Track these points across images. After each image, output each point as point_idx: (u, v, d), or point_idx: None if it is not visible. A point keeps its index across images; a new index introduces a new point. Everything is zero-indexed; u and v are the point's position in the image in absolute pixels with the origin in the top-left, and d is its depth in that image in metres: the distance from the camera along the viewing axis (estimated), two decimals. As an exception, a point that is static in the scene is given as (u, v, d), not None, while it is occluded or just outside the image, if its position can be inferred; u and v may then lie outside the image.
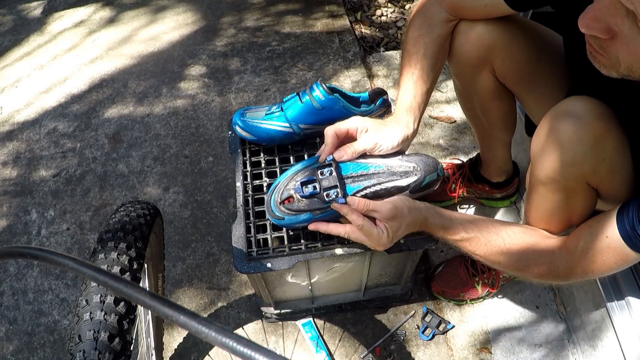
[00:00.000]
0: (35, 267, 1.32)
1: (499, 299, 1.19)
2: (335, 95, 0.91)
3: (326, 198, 0.76)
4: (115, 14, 2.12)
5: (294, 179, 0.79)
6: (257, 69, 1.79)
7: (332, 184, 0.76)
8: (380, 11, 2.11)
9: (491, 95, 0.97)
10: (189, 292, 1.25)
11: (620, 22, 0.52)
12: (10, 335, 1.21)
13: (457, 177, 1.30)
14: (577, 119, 0.67)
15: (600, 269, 0.71)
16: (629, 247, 0.65)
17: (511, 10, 0.79)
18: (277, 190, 0.80)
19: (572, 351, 1.11)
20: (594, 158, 0.67)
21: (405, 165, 0.79)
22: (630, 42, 0.53)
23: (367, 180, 0.77)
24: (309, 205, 0.77)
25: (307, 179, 0.78)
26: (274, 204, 0.80)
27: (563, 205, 0.75)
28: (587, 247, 0.70)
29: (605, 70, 0.60)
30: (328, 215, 0.78)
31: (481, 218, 0.81)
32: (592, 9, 0.54)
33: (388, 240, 0.75)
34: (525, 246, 0.78)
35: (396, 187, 0.78)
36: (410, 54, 0.85)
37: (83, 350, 0.59)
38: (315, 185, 0.77)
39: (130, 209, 0.79)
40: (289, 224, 0.81)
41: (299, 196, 0.77)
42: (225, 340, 0.29)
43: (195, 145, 1.57)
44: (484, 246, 0.79)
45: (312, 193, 0.76)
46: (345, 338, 1.15)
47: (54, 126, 1.67)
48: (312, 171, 0.78)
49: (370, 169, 0.78)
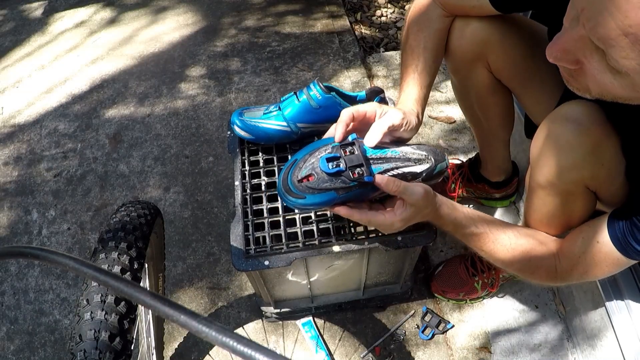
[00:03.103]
0: (36, 266, 1.33)
1: (498, 299, 1.19)
2: (332, 94, 0.92)
3: (352, 176, 0.70)
4: (116, 15, 2.13)
5: (313, 156, 0.73)
6: (258, 70, 1.80)
7: (357, 162, 0.71)
8: (380, 12, 2.11)
9: (488, 91, 0.98)
10: (190, 292, 1.25)
11: (589, 56, 0.51)
12: (11, 335, 1.21)
13: (457, 177, 1.30)
14: (576, 124, 0.67)
15: (596, 273, 0.72)
16: (620, 253, 0.66)
17: (497, 11, 0.80)
18: (296, 167, 0.73)
19: (572, 351, 1.11)
20: (593, 163, 0.67)
21: (418, 152, 0.77)
22: (598, 75, 0.52)
23: (386, 163, 0.74)
24: (333, 184, 0.71)
25: (332, 156, 0.71)
26: (292, 181, 0.72)
27: (562, 209, 0.75)
28: (581, 252, 0.71)
29: (579, 93, 0.59)
30: (352, 195, 0.73)
31: (488, 216, 0.82)
32: (561, 40, 0.53)
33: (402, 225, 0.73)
34: (529, 248, 0.78)
35: (411, 173, 0.76)
36: (412, 47, 0.86)
37: (84, 349, 0.59)
38: (340, 162, 0.71)
39: (131, 209, 0.80)
40: (310, 204, 0.73)
41: (325, 173, 0.70)
42: (226, 339, 0.30)
43: (196, 146, 1.57)
44: (491, 243, 0.79)
45: (339, 170, 0.70)
46: (345, 337, 1.16)
47: (54, 126, 1.67)
48: (335, 148, 0.73)
49: (388, 153, 0.75)
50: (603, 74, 0.51)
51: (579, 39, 0.50)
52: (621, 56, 0.46)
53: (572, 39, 0.51)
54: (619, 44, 0.45)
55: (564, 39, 0.52)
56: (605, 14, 0.44)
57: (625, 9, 0.42)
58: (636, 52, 0.44)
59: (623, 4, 0.42)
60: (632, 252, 0.65)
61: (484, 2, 0.79)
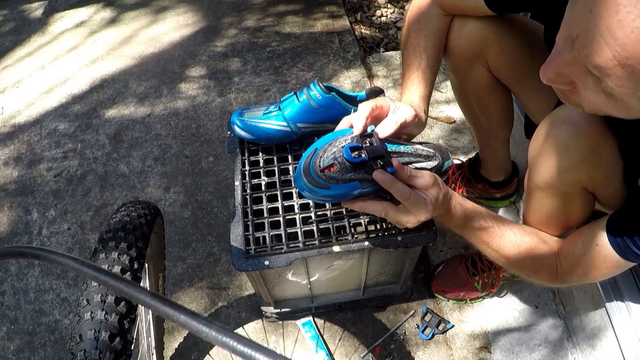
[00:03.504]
0: (36, 266, 1.33)
1: (498, 299, 1.20)
2: (332, 94, 0.92)
3: (374, 167, 0.68)
4: (116, 15, 2.13)
5: (334, 145, 0.70)
6: (258, 70, 1.80)
7: (379, 153, 0.69)
8: (380, 12, 2.11)
9: (487, 89, 0.98)
10: (190, 292, 1.25)
11: (584, 79, 0.50)
12: (11, 335, 1.21)
13: (457, 177, 1.30)
14: (573, 125, 0.67)
15: (595, 275, 0.72)
16: (619, 256, 0.66)
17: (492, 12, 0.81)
18: (317, 156, 0.70)
19: (572, 351, 1.11)
20: (591, 164, 0.68)
21: (427, 150, 0.78)
22: (592, 97, 0.51)
23: (400, 158, 0.73)
24: (357, 174, 0.68)
25: (355, 145, 0.69)
26: (315, 171, 0.69)
27: (561, 210, 0.76)
28: (581, 255, 0.72)
29: (573, 106, 0.58)
30: (374, 189, 0.71)
31: (494, 213, 0.81)
32: (555, 63, 0.51)
33: (431, 208, 0.69)
34: (533, 245, 0.78)
35: (422, 169, 0.75)
36: (413, 45, 0.86)
37: (84, 349, 0.59)
38: (362, 153, 0.69)
39: (131, 209, 0.80)
40: (334, 195, 0.70)
41: (350, 162, 0.68)
42: (226, 339, 0.30)
43: (196, 146, 1.57)
44: (498, 238, 0.78)
45: (362, 160, 0.67)
46: (345, 337, 1.16)
47: (55, 126, 1.68)
48: (356, 139, 0.70)
49: (401, 147, 0.74)
50: (597, 96, 0.50)
51: (573, 63, 0.49)
52: (617, 85, 0.44)
53: (566, 62, 0.49)
54: (615, 74, 0.43)
55: (558, 62, 0.51)
56: (602, 44, 0.42)
57: (623, 41, 0.41)
58: (632, 82, 0.43)
59: (621, 36, 0.40)
60: (631, 256, 0.65)
61: (480, 3, 0.80)
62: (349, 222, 0.90)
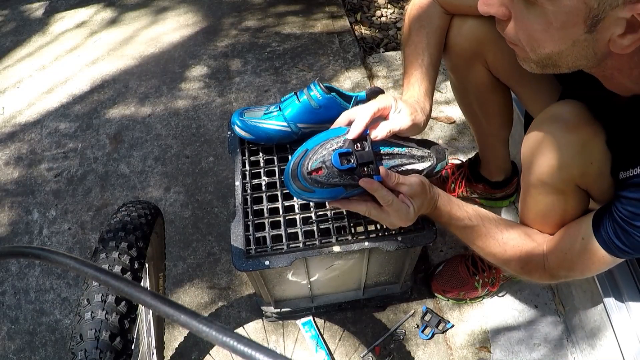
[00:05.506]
0: (36, 266, 1.33)
1: (498, 298, 1.20)
2: (332, 94, 0.92)
3: (362, 173, 0.70)
4: (117, 15, 2.13)
5: (324, 148, 0.71)
6: (258, 70, 1.80)
7: (368, 160, 0.70)
8: (380, 12, 2.12)
9: (486, 88, 0.98)
10: (190, 292, 1.26)
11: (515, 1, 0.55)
12: (12, 335, 1.21)
13: (457, 177, 1.30)
14: (564, 123, 0.68)
15: (582, 270, 0.72)
16: (604, 251, 0.66)
17: None
18: (307, 158, 0.71)
19: (571, 350, 1.11)
20: (582, 161, 0.68)
21: (422, 150, 0.78)
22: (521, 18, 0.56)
23: (392, 160, 0.75)
24: (342, 180, 0.70)
25: (345, 151, 0.70)
26: (302, 173, 0.71)
27: (555, 207, 0.76)
28: (567, 249, 0.72)
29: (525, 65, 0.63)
30: (357, 193, 0.73)
31: (484, 210, 0.82)
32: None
33: (412, 216, 0.72)
34: (520, 242, 0.79)
35: (414, 170, 0.77)
36: (415, 43, 0.86)
37: (84, 349, 0.59)
38: (351, 158, 0.70)
39: (132, 209, 0.80)
40: (319, 198, 0.73)
41: (336, 169, 0.69)
42: (226, 339, 0.30)
43: (196, 146, 1.57)
44: (483, 236, 0.80)
45: (350, 167, 0.69)
46: (345, 337, 1.16)
47: (55, 126, 1.68)
48: (347, 142, 0.71)
49: (395, 149, 0.76)
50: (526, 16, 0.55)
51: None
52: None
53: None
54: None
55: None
56: None
57: None
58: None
59: None
60: (615, 250, 0.65)
61: None
62: (349, 222, 0.90)
